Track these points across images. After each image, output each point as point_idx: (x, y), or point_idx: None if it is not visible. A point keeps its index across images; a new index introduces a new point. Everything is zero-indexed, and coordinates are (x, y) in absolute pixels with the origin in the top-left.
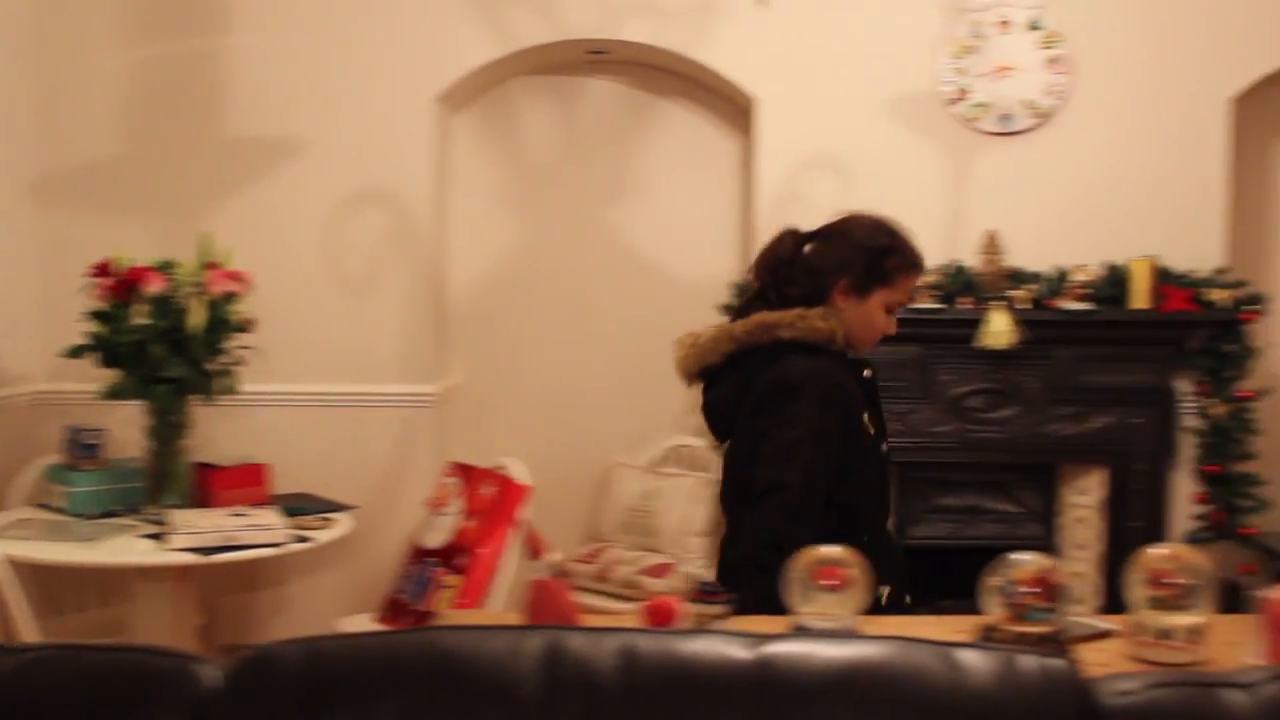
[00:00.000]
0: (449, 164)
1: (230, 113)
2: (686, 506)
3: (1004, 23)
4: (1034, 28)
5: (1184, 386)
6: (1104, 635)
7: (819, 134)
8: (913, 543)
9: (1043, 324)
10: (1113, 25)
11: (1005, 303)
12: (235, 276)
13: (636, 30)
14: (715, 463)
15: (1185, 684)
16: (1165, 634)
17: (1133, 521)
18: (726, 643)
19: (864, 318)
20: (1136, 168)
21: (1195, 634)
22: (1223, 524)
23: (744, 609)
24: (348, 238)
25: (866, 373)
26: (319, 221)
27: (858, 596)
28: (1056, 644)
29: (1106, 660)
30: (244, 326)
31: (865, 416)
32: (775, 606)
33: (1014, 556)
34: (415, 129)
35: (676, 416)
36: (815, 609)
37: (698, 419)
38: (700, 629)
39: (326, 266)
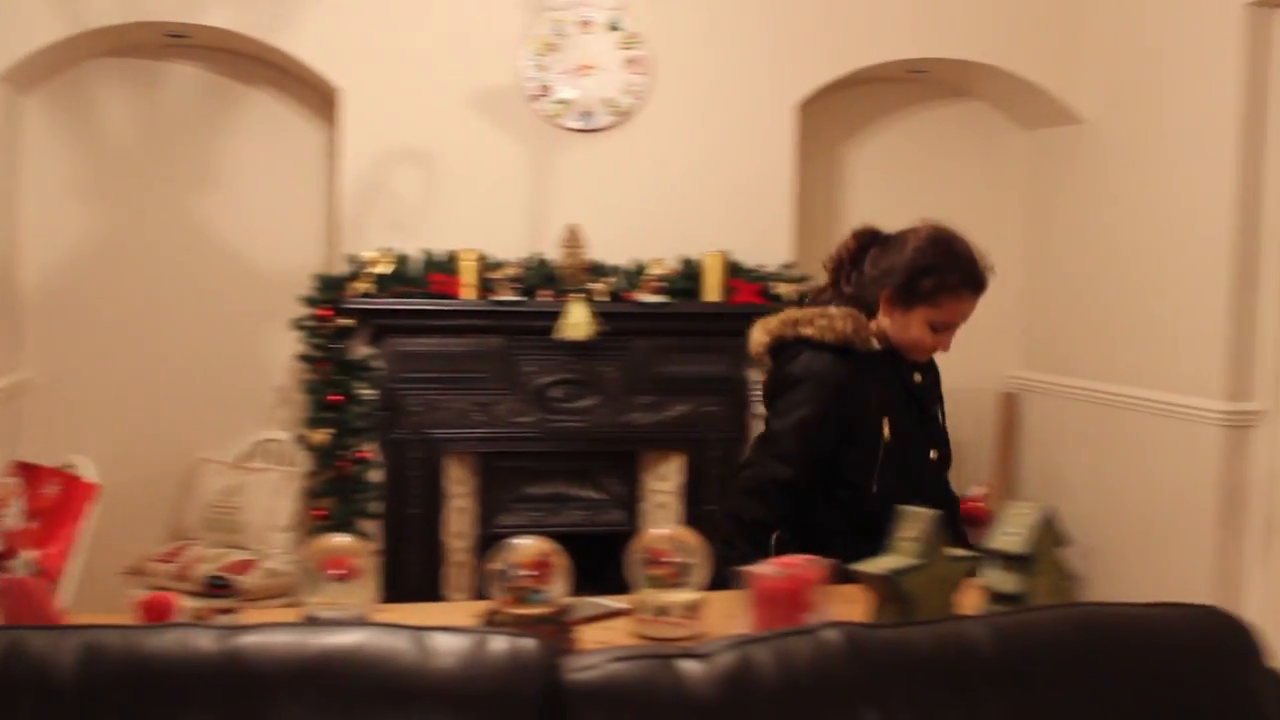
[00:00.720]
0: (18, 148)
1: None
2: (272, 501)
3: (585, 23)
4: (614, 28)
5: (755, 375)
6: (615, 614)
7: (403, 126)
8: (499, 532)
9: (621, 316)
10: (688, 30)
11: (584, 295)
12: None
13: (217, 15)
14: (302, 457)
15: (644, 657)
16: (663, 610)
17: (710, 505)
18: (196, 636)
19: (904, 330)
20: (710, 166)
21: (691, 609)
22: None
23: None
24: None
25: (917, 377)
26: None
27: (367, 585)
28: (557, 625)
29: (610, 639)
30: None
31: (886, 420)
32: (730, 568)
33: (514, 540)
34: None
35: (264, 410)
36: (324, 598)
37: (286, 412)
38: (192, 624)
39: None
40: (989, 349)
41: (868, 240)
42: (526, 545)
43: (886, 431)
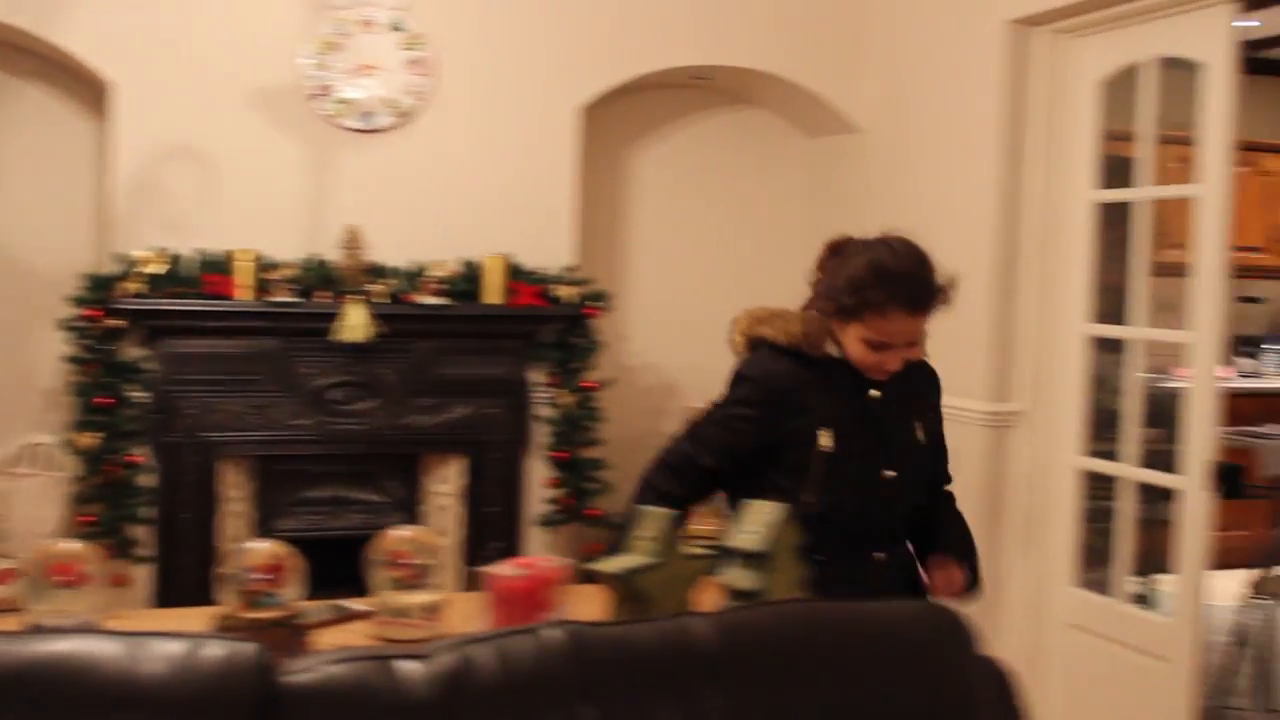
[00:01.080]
0: None
1: None
2: (38, 508)
3: (367, 22)
4: (396, 29)
5: (536, 377)
6: (354, 617)
7: (179, 123)
8: (278, 536)
9: (401, 318)
10: (471, 33)
11: (363, 296)
12: None
13: None
14: (69, 461)
15: (363, 658)
16: (402, 612)
17: (490, 507)
18: None
19: (846, 345)
20: (493, 169)
21: (432, 611)
22: (572, 507)
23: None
24: None
25: (873, 393)
26: None
27: (97, 591)
28: (290, 628)
29: (349, 641)
30: None
31: (829, 431)
32: None
33: (246, 544)
34: None
35: (30, 413)
36: (51, 606)
37: (53, 416)
38: None
39: None
40: None
41: (842, 249)
42: (258, 548)
43: (827, 442)
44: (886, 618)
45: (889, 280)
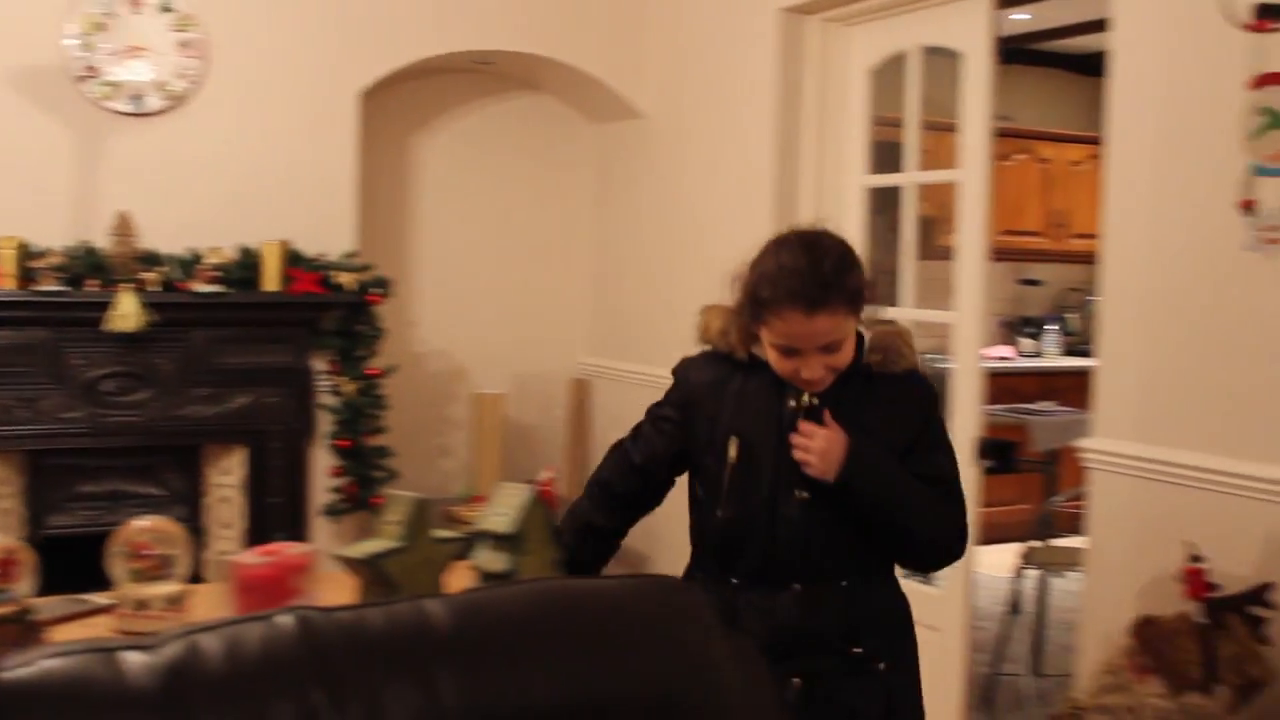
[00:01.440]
0: None
1: None
2: None
3: (135, 2)
4: (166, 10)
5: (319, 365)
6: (95, 612)
7: None
8: (52, 533)
9: (176, 306)
10: (245, 14)
11: (135, 285)
12: None
13: None
14: None
15: (84, 651)
16: (144, 604)
17: (273, 498)
18: None
19: (767, 353)
20: (270, 153)
21: (174, 602)
22: (357, 495)
23: None
24: None
25: (791, 403)
26: None
27: None
28: (22, 624)
29: (88, 635)
30: None
31: (735, 441)
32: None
33: None
34: None
35: None
36: None
37: None
38: None
39: None
40: (561, 336)
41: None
42: None
43: (734, 453)
44: (627, 594)
45: (777, 276)
